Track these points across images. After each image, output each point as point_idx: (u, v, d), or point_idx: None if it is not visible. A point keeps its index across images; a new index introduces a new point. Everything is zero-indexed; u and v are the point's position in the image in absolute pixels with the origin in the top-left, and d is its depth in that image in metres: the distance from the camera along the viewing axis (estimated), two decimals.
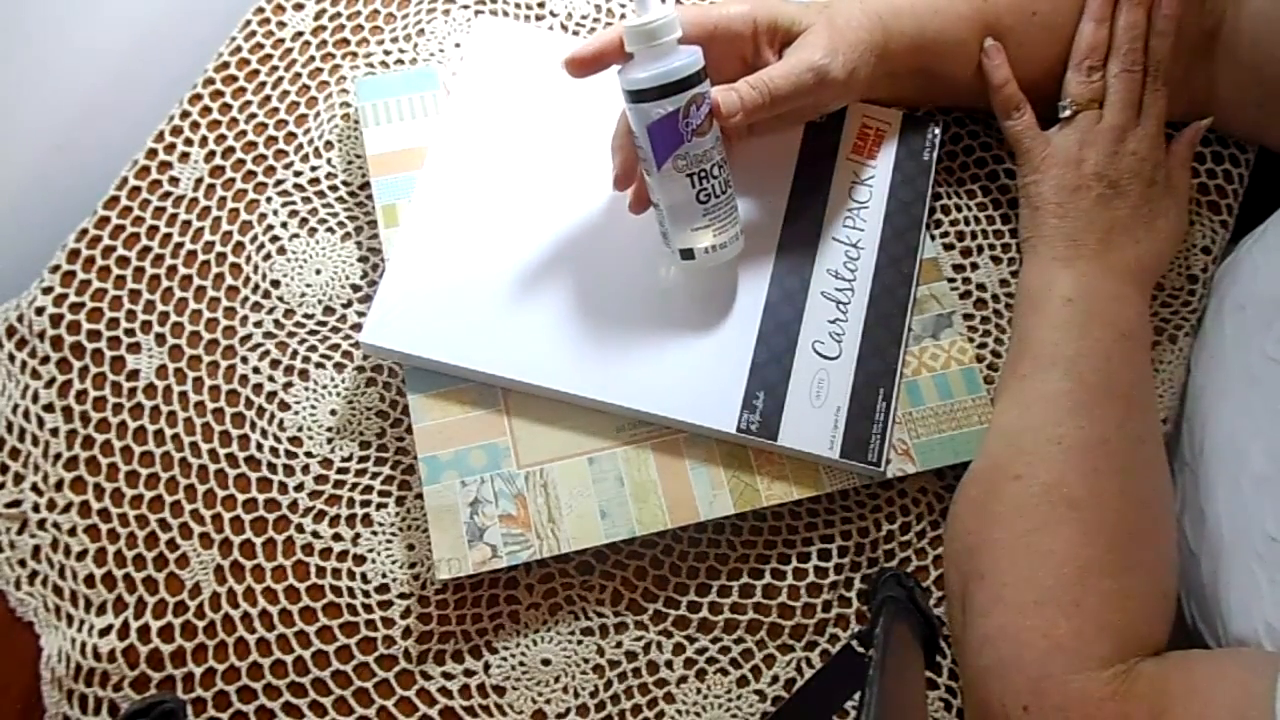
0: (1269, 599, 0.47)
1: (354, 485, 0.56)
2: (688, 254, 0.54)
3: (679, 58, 0.50)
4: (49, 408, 0.57)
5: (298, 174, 0.62)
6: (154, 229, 0.60)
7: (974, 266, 0.62)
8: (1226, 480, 0.52)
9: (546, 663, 0.53)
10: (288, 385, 0.58)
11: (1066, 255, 0.56)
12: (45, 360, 0.57)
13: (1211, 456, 0.54)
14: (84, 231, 0.59)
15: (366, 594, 0.54)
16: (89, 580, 0.54)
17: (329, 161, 0.62)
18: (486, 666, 0.53)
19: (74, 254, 0.59)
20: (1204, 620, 0.52)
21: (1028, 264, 0.58)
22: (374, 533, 0.55)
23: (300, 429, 0.57)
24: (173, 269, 0.60)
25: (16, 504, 0.55)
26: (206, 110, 0.62)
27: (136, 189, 0.61)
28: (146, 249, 0.60)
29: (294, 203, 0.61)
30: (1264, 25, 0.57)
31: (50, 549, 0.54)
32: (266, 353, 0.58)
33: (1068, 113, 0.58)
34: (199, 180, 0.61)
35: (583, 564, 0.55)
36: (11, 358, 0.57)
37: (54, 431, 0.56)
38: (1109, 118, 0.57)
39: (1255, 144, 0.64)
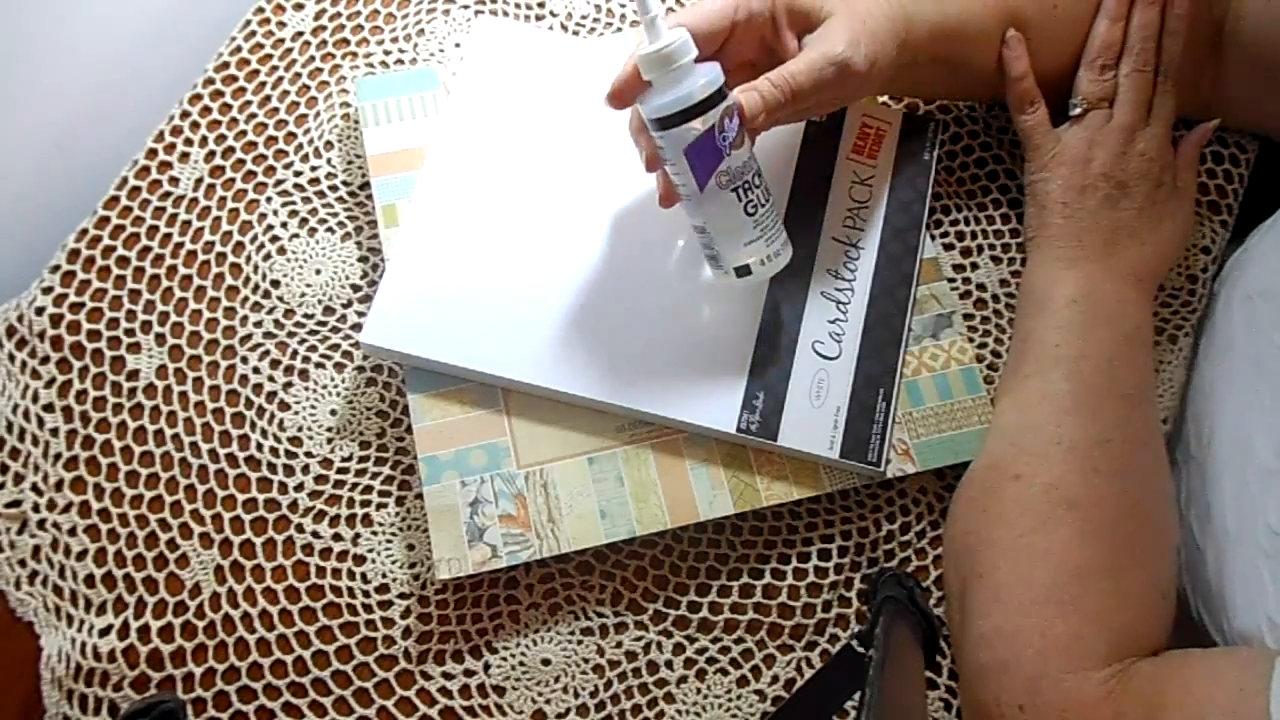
0: (1272, 593, 0.47)
1: (354, 485, 0.56)
2: (744, 270, 0.52)
3: (701, 75, 0.48)
4: (49, 408, 0.57)
5: (298, 174, 0.62)
6: (154, 229, 0.60)
7: (974, 266, 0.62)
8: (1232, 474, 0.52)
9: (546, 663, 0.53)
10: (288, 385, 0.58)
11: (1071, 256, 0.56)
12: (45, 360, 0.57)
13: (1218, 450, 0.54)
14: (84, 231, 0.59)
15: (366, 594, 0.54)
16: (89, 580, 0.54)
17: (329, 161, 0.62)
18: (486, 666, 0.53)
19: (74, 254, 0.59)
20: (1209, 615, 0.52)
21: (1032, 264, 0.58)
22: (374, 533, 0.55)
23: (300, 429, 0.57)
24: (173, 269, 0.60)
25: (16, 504, 0.55)
26: (206, 110, 0.62)
27: (136, 189, 0.61)
28: (146, 249, 0.60)
29: (294, 203, 0.61)
30: (1266, 20, 0.57)
31: (50, 549, 0.54)
32: (266, 353, 0.58)
33: (1077, 110, 0.58)
34: (199, 180, 0.61)
35: (583, 564, 0.55)
36: (11, 358, 0.57)
37: (54, 431, 0.56)
38: (1119, 117, 0.57)
39: (1261, 136, 0.64)
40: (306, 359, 0.58)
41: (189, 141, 0.62)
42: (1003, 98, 0.60)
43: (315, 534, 0.55)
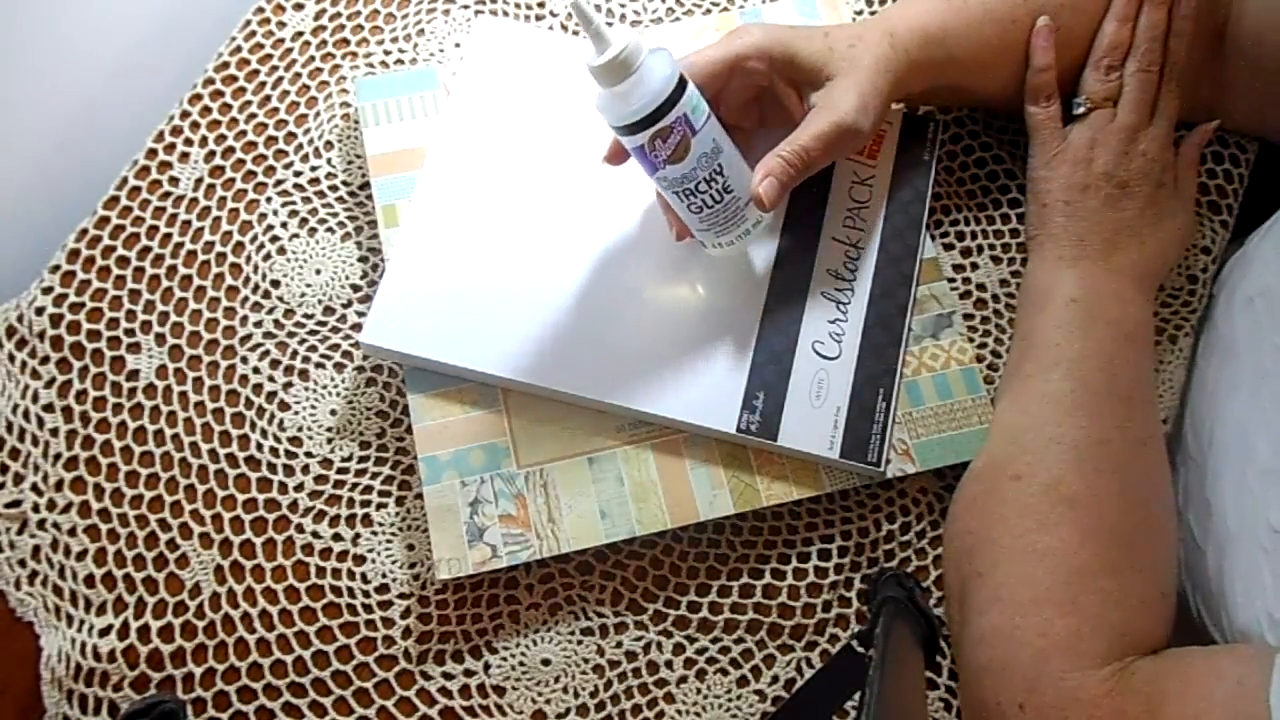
0: (1272, 591, 0.47)
1: (354, 485, 0.56)
2: (701, 244, 0.55)
3: (636, 98, 0.47)
4: (49, 408, 0.57)
5: (298, 174, 0.62)
6: (154, 229, 0.60)
7: (974, 266, 0.62)
8: (1234, 473, 0.52)
9: (546, 663, 0.53)
10: (288, 385, 0.58)
11: (1072, 255, 0.56)
12: (45, 360, 0.57)
13: (1220, 450, 0.54)
14: (84, 231, 0.59)
15: (366, 594, 0.54)
16: (89, 580, 0.54)
17: (329, 161, 0.62)
18: (486, 666, 0.53)
19: (74, 254, 0.59)
20: (1209, 613, 0.52)
21: (1033, 263, 0.58)
22: (374, 533, 0.55)
23: (300, 429, 0.57)
24: (173, 269, 0.60)
25: (16, 504, 0.55)
26: (206, 110, 0.62)
27: (136, 189, 0.61)
28: (146, 249, 0.60)
29: (294, 203, 0.61)
30: (1266, 23, 0.57)
31: (50, 549, 0.54)
32: (266, 353, 0.58)
33: (1081, 109, 0.58)
34: (199, 180, 0.61)
35: (583, 564, 0.55)
36: (11, 358, 0.57)
37: (54, 431, 0.56)
38: (1122, 117, 0.57)
39: (1261, 138, 0.64)
40: (306, 359, 0.58)
41: (189, 141, 0.62)
42: (999, 110, 0.60)
43: (315, 534, 0.55)
